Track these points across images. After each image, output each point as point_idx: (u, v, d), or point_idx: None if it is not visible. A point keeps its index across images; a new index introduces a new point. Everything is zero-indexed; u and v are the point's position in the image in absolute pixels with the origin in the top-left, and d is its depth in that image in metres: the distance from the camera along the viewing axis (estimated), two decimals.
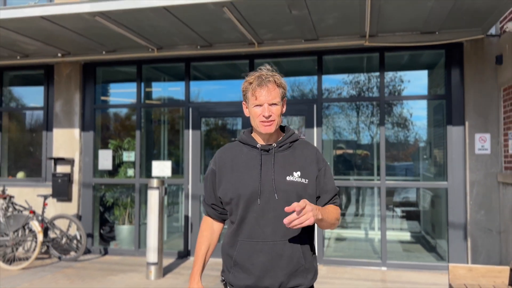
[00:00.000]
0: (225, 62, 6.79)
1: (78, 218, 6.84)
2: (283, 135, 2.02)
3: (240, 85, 1.98)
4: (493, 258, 5.50)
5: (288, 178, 1.90)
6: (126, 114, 7.53)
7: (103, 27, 5.35)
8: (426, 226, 7.11)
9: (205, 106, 6.80)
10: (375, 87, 6.54)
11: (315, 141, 6.23)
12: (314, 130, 6.26)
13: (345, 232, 7.20)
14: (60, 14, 4.85)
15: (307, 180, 1.92)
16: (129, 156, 7.00)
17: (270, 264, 1.87)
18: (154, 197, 5.60)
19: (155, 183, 5.61)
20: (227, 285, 2.00)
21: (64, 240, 6.62)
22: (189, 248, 6.59)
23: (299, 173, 1.92)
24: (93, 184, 6.97)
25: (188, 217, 6.61)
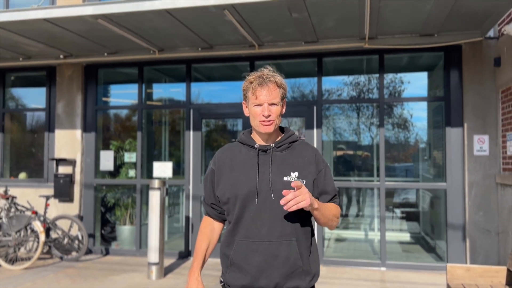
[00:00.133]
0: (226, 64, 6.84)
1: (79, 218, 6.88)
2: (282, 136, 2.02)
3: (241, 86, 1.98)
4: (492, 258, 5.54)
5: (285, 178, 1.89)
6: (127, 115, 7.58)
7: (105, 30, 5.40)
8: (425, 227, 7.14)
9: (205, 108, 6.85)
10: (375, 88, 6.57)
11: (315, 142, 6.28)
12: (314, 131, 6.31)
13: (345, 233, 7.24)
14: (63, 16, 4.90)
15: (304, 180, 1.90)
16: (130, 157, 7.05)
17: (265, 264, 1.86)
18: (155, 197, 5.65)
19: (156, 184, 5.66)
20: (225, 286, 2.00)
21: (66, 240, 6.66)
22: (189, 249, 6.64)
23: (296, 173, 1.91)
24: (94, 185, 7.02)
25: (189, 218, 6.66)
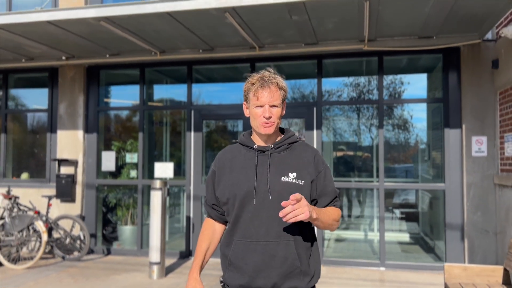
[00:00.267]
0: (227, 66, 6.89)
1: (81, 218, 6.94)
2: (281, 137, 2.02)
3: (241, 88, 1.99)
4: (489, 258, 5.59)
5: (283, 179, 1.89)
6: (128, 116, 7.64)
7: (108, 32, 5.46)
8: (424, 227, 7.19)
9: (206, 109, 6.91)
10: (374, 90, 6.63)
11: (315, 143, 6.33)
12: (314, 132, 6.36)
13: (344, 233, 7.29)
14: (66, 19, 4.96)
15: (303, 181, 1.90)
16: (131, 158, 7.11)
17: (263, 264, 1.86)
18: (156, 198, 5.70)
19: (157, 184, 5.71)
20: (225, 286, 2.00)
21: (68, 240, 6.72)
22: (190, 248, 6.69)
23: (295, 174, 1.91)
24: (96, 185, 7.07)
25: (190, 218, 6.71)
